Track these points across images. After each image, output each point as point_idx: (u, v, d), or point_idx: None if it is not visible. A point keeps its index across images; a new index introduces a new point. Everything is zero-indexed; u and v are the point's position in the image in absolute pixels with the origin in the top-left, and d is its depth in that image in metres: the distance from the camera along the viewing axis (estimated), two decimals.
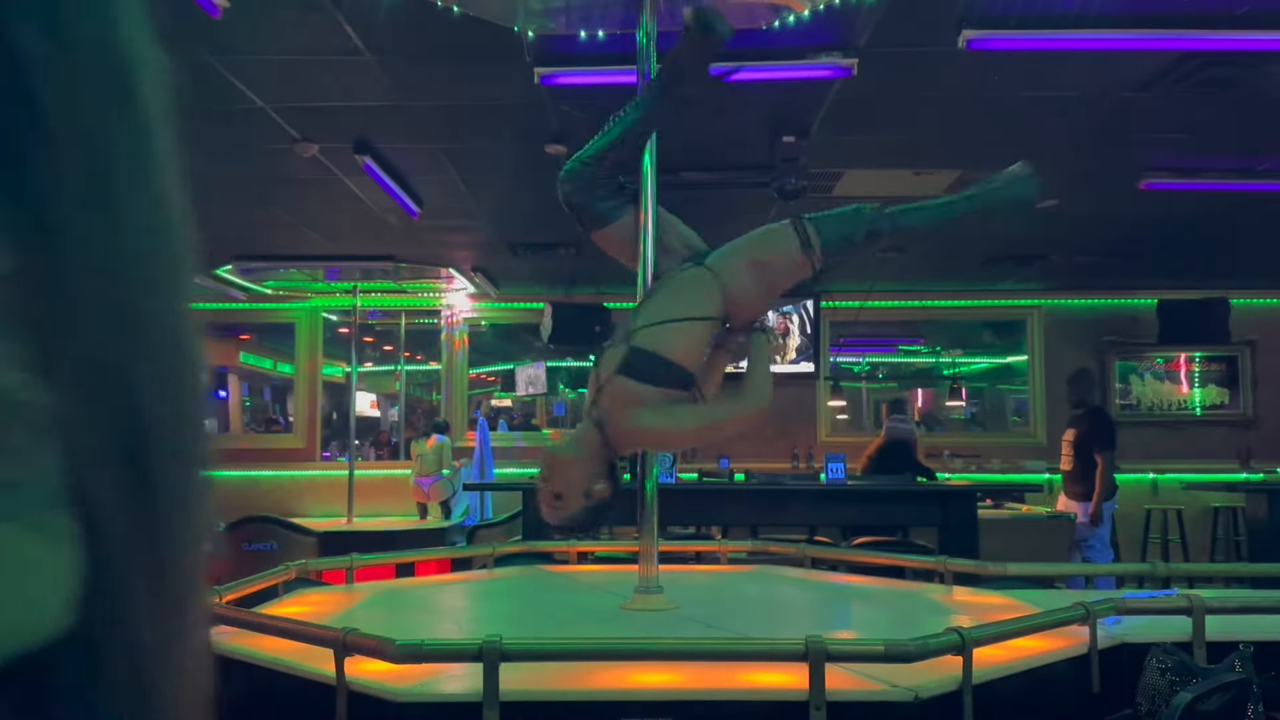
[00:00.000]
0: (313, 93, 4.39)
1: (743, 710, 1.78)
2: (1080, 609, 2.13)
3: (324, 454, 9.71)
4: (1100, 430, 6.16)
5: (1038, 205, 2.70)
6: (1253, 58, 3.95)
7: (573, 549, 3.69)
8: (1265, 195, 5.87)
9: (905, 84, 4.32)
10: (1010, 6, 3.60)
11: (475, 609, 2.95)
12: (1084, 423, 6.28)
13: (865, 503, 5.91)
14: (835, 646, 1.73)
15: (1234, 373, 9.29)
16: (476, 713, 1.70)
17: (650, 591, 2.68)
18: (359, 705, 1.81)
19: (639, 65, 2.89)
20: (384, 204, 6.02)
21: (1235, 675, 1.95)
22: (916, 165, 5.44)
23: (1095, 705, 2.14)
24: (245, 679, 2.11)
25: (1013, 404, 11.43)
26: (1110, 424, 6.22)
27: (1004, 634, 1.97)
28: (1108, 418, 6.28)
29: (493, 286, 8.83)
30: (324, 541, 6.98)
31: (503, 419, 12.16)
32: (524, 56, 3.89)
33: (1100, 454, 6.06)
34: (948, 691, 1.79)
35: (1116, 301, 9.33)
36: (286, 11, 3.58)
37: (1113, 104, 4.50)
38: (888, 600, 2.99)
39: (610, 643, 1.91)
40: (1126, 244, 7.41)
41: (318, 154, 5.07)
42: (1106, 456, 6.05)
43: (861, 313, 9.16)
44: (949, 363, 11.61)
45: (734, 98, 4.41)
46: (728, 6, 3.32)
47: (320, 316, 9.61)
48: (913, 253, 7.54)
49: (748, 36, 3.71)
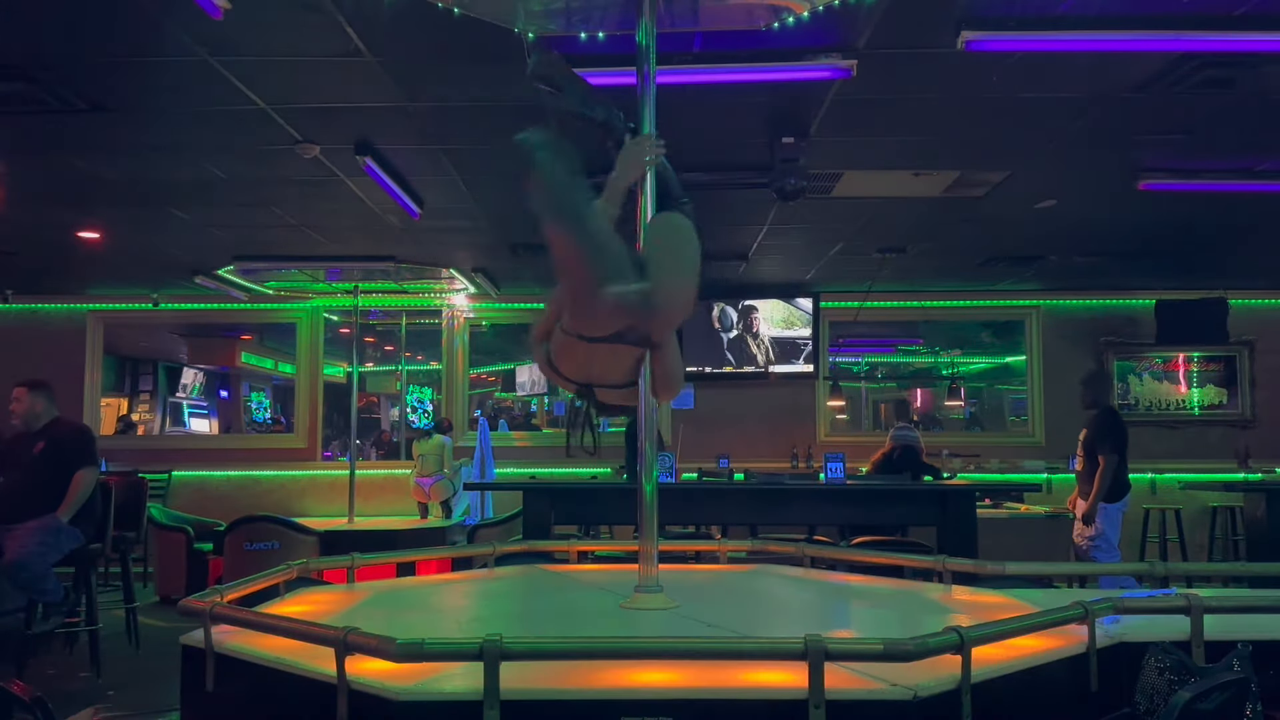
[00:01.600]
0: (314, 94, 4.40)
1: (742, 709, 1.79)
2: (1078, 608, 2.14)
3: (325, 454, 9.72)
4: (1104, 431, 6.15)
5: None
6: (1252, 58, 3.96)
7: (573, 548, 3.70)
8: (1264, 195, 5.88)
9: (905, 85, 4.33)
10: (1009, 7, 3.60)
11: (475, 608, 2.96)
12: (1093, 423, 6.27)
13: (864, 502, 5.91)
14: (834, 645, 1.73)
15: (1232, 373, 9.30)
16: (477, 712, 1.71)
17: (650, 591, 2.69)
18: (360, 704, 1.81)
19: (639, 66, 2.89)
20: (385, 205, 6.03)
21: (1233, 674, 1.95)
22: (916, 166, 5.45)
23: (1094, 704, 2.14)
24: (247, 678, 2.12)
25: (1011, 404, 11.46)
26: (1117, 425, 6.19)
27: (1003, 633, 1.97)
28: (1115, 418, 6.26)
29: (493, 287, 8.84)
30: (325, 541, 6.99)
31: (503, 419, 12.18)
32: (524, 57, 3.89)
33: (1103, 454, 6.04)
34: (946, 690, 1.79)
35: (1115, 302, 9.34)
36: (287, 12, 3.59)
37: (1112, 104, 4.51)
38: (887, 599, 3.00)
39: (610, 642, 1.91)
40: (1125, 244, 7.43)
41: (319, 155, 5.08)
42: (1109, 458, 6.03)
43: (860, 313, 9.17)
44: (948, 363, 11.63)
45: (734, 98, 4.42)
46: (729, 7, 3.32)
47: (321, 317, 9.62)
48: (912, 253, 7.56)
49: (748, 37, 3.71)
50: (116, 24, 3.69)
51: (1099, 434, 6.16)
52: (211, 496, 9.11)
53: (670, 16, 3.18)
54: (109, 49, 3.92)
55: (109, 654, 5.32)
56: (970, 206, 6.18)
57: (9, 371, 7.71)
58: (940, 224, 6.69)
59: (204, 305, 9.40)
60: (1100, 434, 6.16)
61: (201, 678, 2.20)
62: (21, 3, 3.54)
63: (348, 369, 9.44)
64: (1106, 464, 6.03)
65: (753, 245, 7.33)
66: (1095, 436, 6.18)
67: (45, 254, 7.65)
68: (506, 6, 3.19)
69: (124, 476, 6.63)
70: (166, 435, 12.23)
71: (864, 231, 6.92)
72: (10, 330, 9.31)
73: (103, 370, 9.77)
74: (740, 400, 9.03)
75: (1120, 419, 6.30)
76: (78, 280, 8.92)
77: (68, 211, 6.39)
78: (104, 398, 10.13)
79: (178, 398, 13.23)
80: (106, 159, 5.28)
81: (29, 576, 4.88)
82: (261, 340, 13.70)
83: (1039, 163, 5.38)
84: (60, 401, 5.56)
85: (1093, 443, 6.18)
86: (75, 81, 4.20)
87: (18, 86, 4.17)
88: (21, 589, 4.93)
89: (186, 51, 3.88)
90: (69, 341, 9.35)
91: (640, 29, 2.88)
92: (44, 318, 9.42)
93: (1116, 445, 6.09)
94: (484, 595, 3.20)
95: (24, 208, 6.20)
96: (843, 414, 9.85)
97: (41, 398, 5.34)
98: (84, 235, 6.95)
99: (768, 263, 7.99)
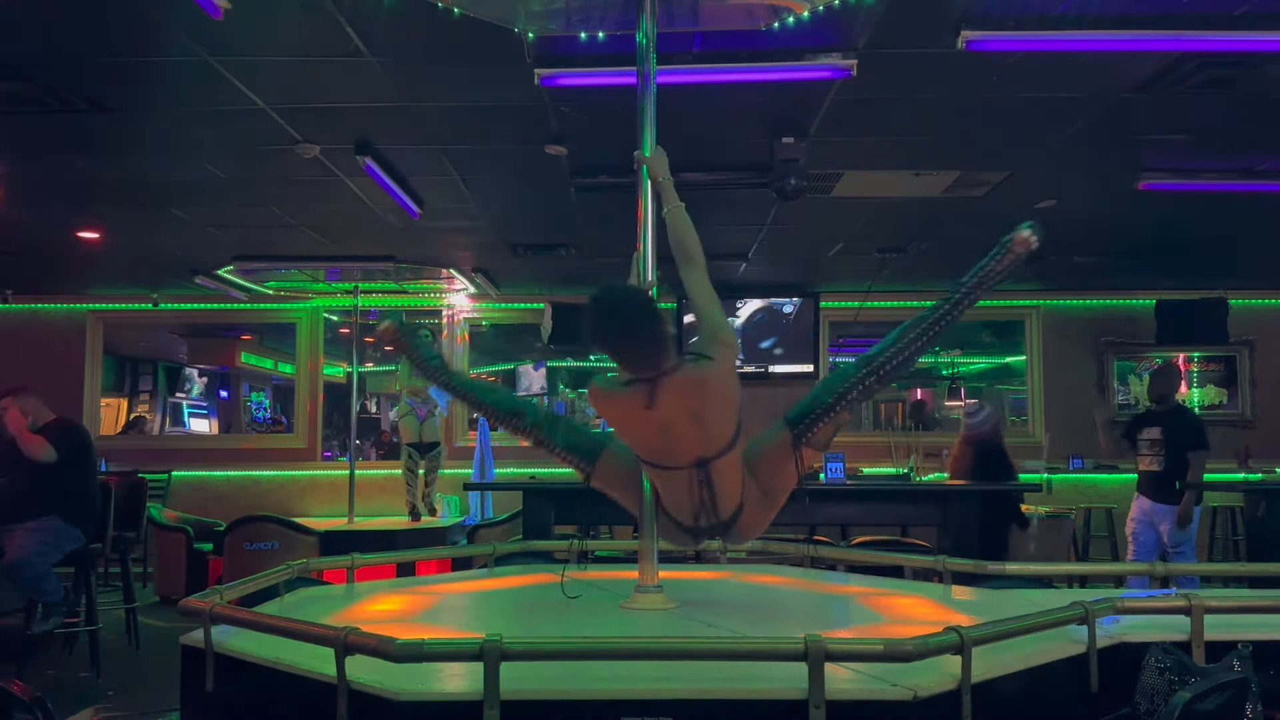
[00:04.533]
0: (314, 94, 4.40)
1: (742, 710, 1.79)
2: (1079, 608, 2.14)
3: (325, 454, 9.72)
4: (1194, 428, 6.01)
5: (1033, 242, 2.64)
6: (1252, 58, 3.96)
7: (573, 549, 3.70)
8: (1264, 195, 5.88)
9: (904, 85, 4.33)
10: (1009, 7, 3.60)
11: (475, 608, 2.96)
12: (1178, 420, 6.07)
13: (865, 502, 5.92)
14: (834, 646, 1.73)
15: (1232, 373, 9.30)
16: (477, 712, 1.71)
17: (650, 591, 2.69)
18: (360, 704, 1.81)
19: (639, 66, 2.89)
20: (385, 205, 6.03)
21: (1234, 674, 1.95)
22: (916, 166, 5.45)
23: (1094, 704, 2.14)
24: (247, 678, 2.12)
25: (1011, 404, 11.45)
26: (1201, 421, 6.09)
27: (1003, 633, 1.97)
28: (1196, 415, 6.17)
29: (493, 287, 8.84)
30: (325, 541, 6.99)
31: None
32: (524, 57, 3.90)
33: (1194, 452, 5.89)
34: (946, 691, 1.79)
35: (1115, 302, 9.34)
36: (287, 12, 3.59)
37: (1112, 104, 4.51)
38: (887, 600, 2.99)
39: (610, 642, 1.91)
40: (1125, 244, 7.42)
41: (319, 155, 5.07)
42: (1200, 454, 5.87)
43: (860, 313, 9.17)
44: (948, 363, 11.63)
45: (734, 98, 4.42)
46: (729, 7, 3.32)
47: (321, 317, 9.62)
48: (912, 253, 7.56)
49: (748, 37, 3.71)
50: (116, 24, 3.69)
51: (1188, 432, 6.00)
52: (211, 496, 9.11)
53: (670, 16, 3.18)
54: (109, 49, 3.92)
55: (109, 654, 5.32)
56: (970, 206, 6.18)
57: (10, 371, 7.72)
58: (940, 224, 6.69)
59: (204, 305, 9.40)
60: (1189, 432, 6.00)
61: (201, 678, 2.20)
62: (21, 3, 3.54)
63: (348, 369, 9.43)
64: (1199, 462, 5.88)
65: (753, 245, 7.33)
66: (1183, 435, 5.99)
67: (45, 254, 7.64)
68: (506, 6, 3.20)
69: (124, 476, 6.63)
70: (166, 435, 12.22)
71: (864, 231, 6.92)
72: (10, 330, 9.31)
73: (103, 370, 9.77)
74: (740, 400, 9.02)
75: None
76: (78, 280, 8.91)
77: (68, 211, 6.39)
78: (104, 398, 10.13)
79: (178, 398, 13.23)
80: (106, 159, 5.28)
81: (29, 576, 4.88)
82: (261, 340, 13.69)
83: (1039, 163, 5.38)
84: (60, 401, 5.56)
85: (1179, 442, 5.98)
86: (75, 81, 4.19)
87: (18, 86, 4.17)
88: (21, 589, 4.94)
89: (186, 51, 3.88)
90: (69, 341, 9.35)
91: (640, 29, 2.89)
92: (44, 318, 9.41)
93: (1206, 442, 5.98)
94: (484, 595, 3.20)
95: (24, 208, 6.20)
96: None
97: (30, 401, 5.32)
98: (84, 235, 6.94)
99: (768, 263, 7.98)
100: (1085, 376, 9.23)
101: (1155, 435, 6.12)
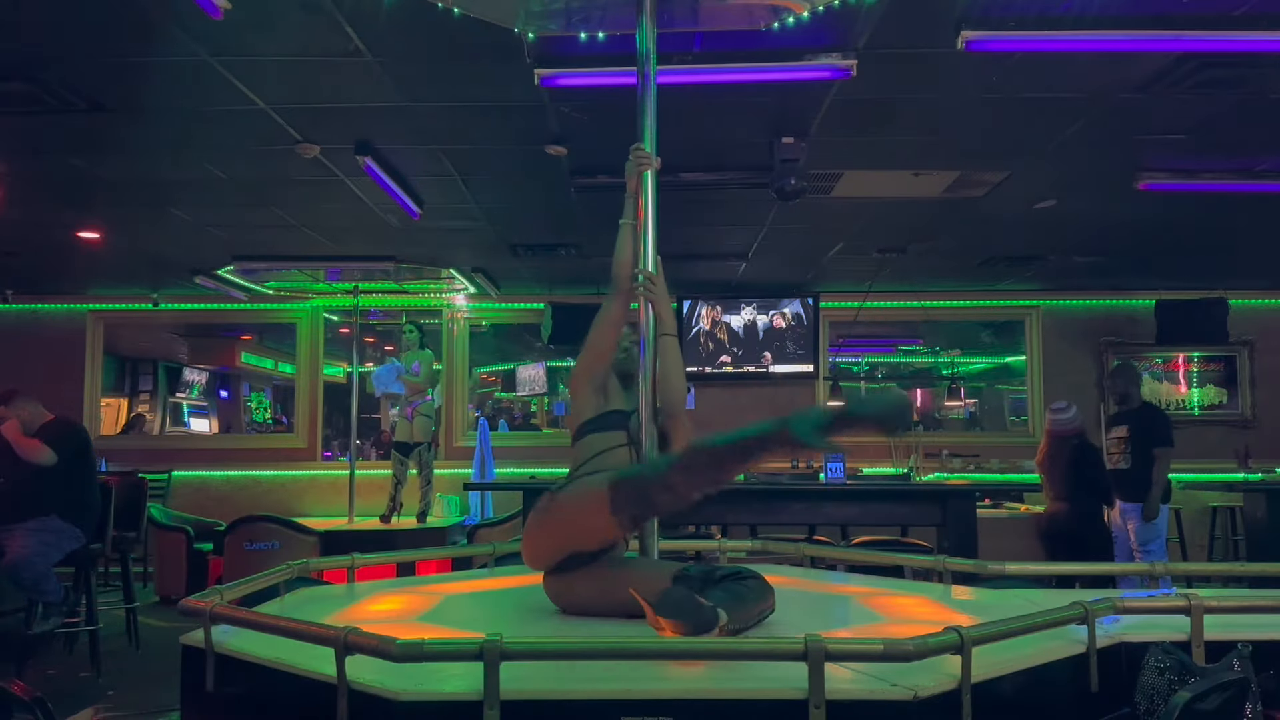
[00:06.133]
0: (314, 94, 4.40)
1: (742, 710, 1.78)
2: (1078, 608, 2.14)
3: (325, 454, 9.72)
4: (1159, 426, 6.06)
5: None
6: (1251, 58, 3.96)
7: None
8: (1263, 195, 5.88)
9: (904, 85, 4.33)
10: (1009, 7, 3.60)
11: (475, 608, 2.96)
12: (1143, 419, 6.13)
13: (864, 502, 5.92)
14: (834, 646, 1.73)
15: (1232, 373, 9.30)
16: (477, 712, 1.71)
17: None
18: (360, 704, 1.81)
19: (639, 67, 2.89)
20: (385, 205, 6.03)
21: (1233, 674, 1.95)
22: (916, 166, 5.45)
23: (1094, 704, 2.14)
24: (247, 678, 2.12)
25: (1011, 404, 11.46)
26: (1168, 419, 6.11)
27: (1002, 633, 1.97)
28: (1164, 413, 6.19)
29: (493, 287, 8.84)
30: (325, 541, 6.99)
31: (503, 418, 12.17)
32: (524, 58, 3.90)
33: (1160, 450, 5.94)
34: (947, 690, 1.79)
35: (1115, 302, 9.34)
36: (287, 12, 3.59)
37: (1112, 104, 4.51)
38: (887, 600, 2.99)
39: (610, 642, 1.91)
40: (1125, 244, 7.42)
41: (319, 155, 5.08)
42: (1165, 453, 5.93)
43: (860, 313, 9.17)
44: (948, 363, 11.64)
45: (734, 98, 4.42)
46: (729, 7, 3.32)
47: (321, 317, 9.62)
48: (912, 253, 7.56)
49: (748, 37, 3.71)
50: (116, 24, 3.69)
51: (1154, 429, 6.05)
52: (211, 496, 9.12)
53: (670, 16, 3.18)
54: (109, 49, 3.92)
55: (109, 654, 5.32)
56: (970, 206, 6.19)
57: (10, 371, 7.72)
58: (940, 224, 6.69)
59: (204, 305, 9.40)
60: (1155, 429, 6.05)
61: (201, 678, 2.20)
62: (22, 3, 3.54)
63: (348, 369, 9.43)
64: (1164, 460, 5.93)
65: (753, 245, 7.33)
66: (1149, 432, 6.05)
67: (45, 254, 7.64)
68: (506, 6, 3.19)
69: (124, 476, 6.63)
70: (166, 435, 12.22)
71: (864, 231, 6.92)
72: (10, 330, 9.31)
73: (103, 370, 9.76)
74: (740, 400, 9.03)
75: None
76: (78, 280, 8.92)
77: (68, 211, 6.39)
78: (104, 398, 10.13)
79: (178, 398, 13.22)
80: (106, 159, 5.28)
81: (29, 576, 4.88)
82: (261, 340, 13.70)
83: (1039, 163, 5.38)
84: (60, 401, 5.57)
85: (1145, 439, 6.04)
86: (75, 81, 4.20)
87: (18, 86, 4.17)
88: (21, 589, 4.93)
89: (186, 51, 3.88)
90: (69, 341, 9.35)
91: (640, 30, 2.89)
92: (44, 318, 9.41)
93: (1171, 439, 6.02)
94: (484, 595, 3.20)
95: (24, 208, 6.20)
96: None
97: (24, 405, 5.32)
98: (84, 235, 6.94)
99: (768, 263, 7.98)
100: (1085, 376, 9.23)
101: (1123, 434, 6.22)
